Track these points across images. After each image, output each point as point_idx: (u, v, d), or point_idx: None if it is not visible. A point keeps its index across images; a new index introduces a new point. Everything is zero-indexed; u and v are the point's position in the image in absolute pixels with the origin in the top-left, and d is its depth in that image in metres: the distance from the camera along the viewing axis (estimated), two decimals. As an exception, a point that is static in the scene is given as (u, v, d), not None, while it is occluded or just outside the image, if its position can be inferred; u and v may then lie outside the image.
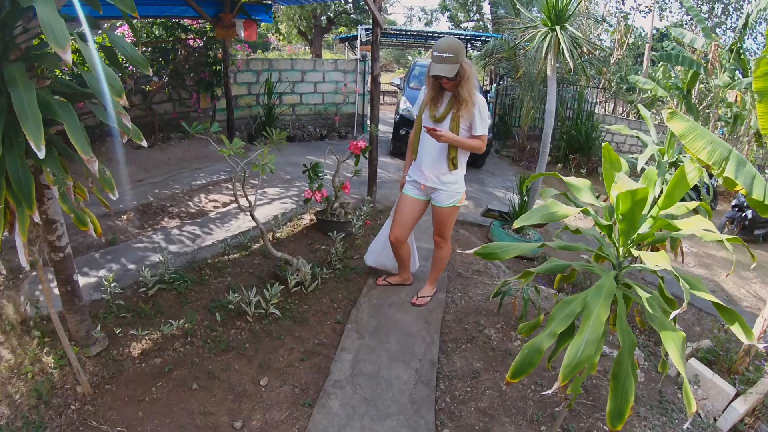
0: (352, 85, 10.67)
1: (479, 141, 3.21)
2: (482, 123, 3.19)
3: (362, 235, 4.95)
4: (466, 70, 3.06)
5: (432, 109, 3.27)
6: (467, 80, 3.08)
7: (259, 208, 5.54)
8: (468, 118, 3.16)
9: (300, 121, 10.38)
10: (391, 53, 36.54)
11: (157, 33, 8.13)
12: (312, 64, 10.35)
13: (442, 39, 3.03)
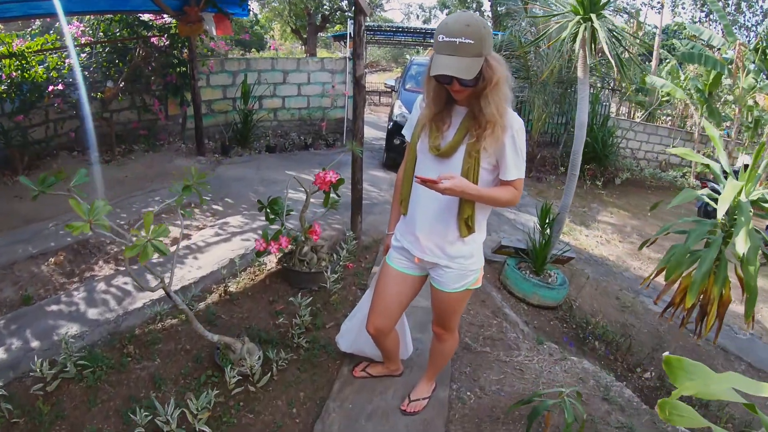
0: (341, 87, 9.50)
1: (512, 190, 1.98)
2: (517, 159, 1.94)
3: (340, 289, 3.77)
4: (495, 70, 1.79)
5: (434, 134, 1.98)
6: (496, 88, 1.81)
7: (213, 247, 4.40)
8: (495, 152, 1.90)
9: (282, 128, 9.26)
10: (389, 52, 35.38)
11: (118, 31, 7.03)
12: (295, 64, 9.22)
13: (454, 14, 1.78)
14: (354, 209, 4.55)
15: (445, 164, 1.97)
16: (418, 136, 2.05)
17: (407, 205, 2.16)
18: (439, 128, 1.98)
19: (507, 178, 1.96)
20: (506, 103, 1.86)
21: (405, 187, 2.16)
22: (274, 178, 6.61)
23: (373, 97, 19.42)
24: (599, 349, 4.33)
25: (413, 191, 2.12)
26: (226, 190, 6.05)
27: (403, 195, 2.17)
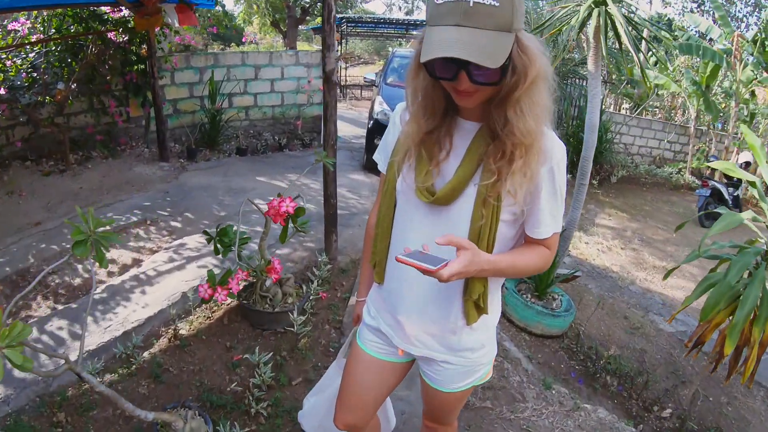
0: (318, 82, 8.78)
1: (544, 252, 1.34)
2: (556, 205, 1.28)
3: (310, 330, 3.16)
4: (533, 57, 1.11)
5: (423, 167, 1.28)
6: (533, 88, 1.13)
7: (165, 277, 3.76)
8: (524, 195, 1.22)
9: (254, 128, 8.56)
10: (371, 45, 34.66)
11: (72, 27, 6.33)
12: (268, 58, 8.52)
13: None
14: (327, 227, 3.94)
15: (443, 217, 1.28)
16: (398, 168, 1.32)
17: (383, 273, 1.45)
18: (432, 157, 1.26)
19: (539, 236, 1.29)
20: (546, 114, 1.17)
21: (379, 244, 1.44)
22: (242, 186, 5.96)
23: (354, 91, 18.79)
24: (611, 385, 3.79)
25: (393, 251, 1.41)
26: (188, 201, 5.41)
27: (377, 256, 1.45)
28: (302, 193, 5.68)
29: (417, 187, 1.28)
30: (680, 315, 5.15)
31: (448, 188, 1.24)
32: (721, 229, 2.58)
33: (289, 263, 4.04)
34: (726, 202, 7.88)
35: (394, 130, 1.43)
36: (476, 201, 1.23)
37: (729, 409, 3.71)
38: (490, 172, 1.20)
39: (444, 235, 1.13)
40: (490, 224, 1.24)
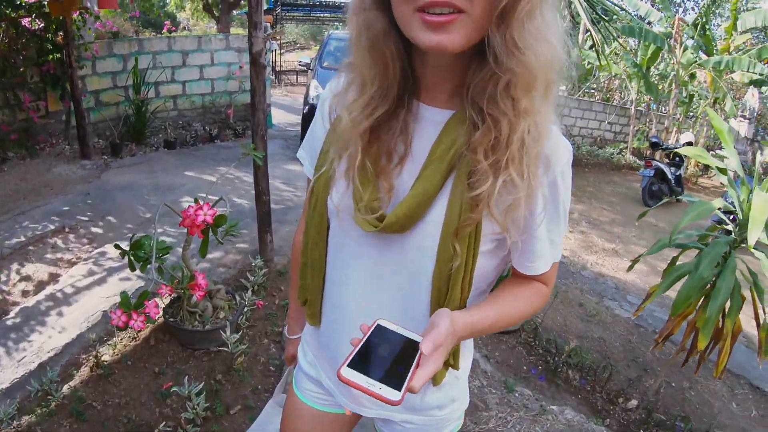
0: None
1: (542, 290, 0.98)
2: (558, 227, 0.91)
3: (246, 349, 2.77)
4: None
5: (367, 179, 0.86)
6: (530, 17, 0.70)
7: (84, 293, 3.34)
8: (512, 210, 0.81)
9: (183, 118, 8.00)
10: (307, 30, 33.82)
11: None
12: (196, 43, 7.97)
13: None
14: (261, 227, 3.57)
15: (396, 251, 0.90)
16: (330, 180, 0.94)
17: (319, 315, 1.07)
18: (379, 164, 0.88)
19: (534, 272, 0.94)
20: (554, 89, 0.78)
21: (310, 279, 1.05)
22: (170, 183, 5.49)
23: (289, 76, 18.22)
24: (574, 379, 3.63)
25: (330, 290, 1.02)
26: (110, 203, 4.91)
27: (309, 294, 1.06)
28: (234, 187, 5.30)
29: (357, 209, 0.88)
30: (632, 298, 5.10)
31: (401, 211, 0.84)
32: (692, 219, 2.40)
33: (221, 268, 3.66)
34: (669, 181, 7.99)
35: (323, 121, 1.00)
36: (444, 230, 0.85)
37: (692, 394, 3.65)
38: (472, 180, 0.81)
39: (424, 340, 0.74)
40: (466, 262, 0.86)
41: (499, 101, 0.75)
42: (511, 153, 0.77)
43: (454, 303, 0.88)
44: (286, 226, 4.63)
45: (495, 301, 0.93)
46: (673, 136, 9.96)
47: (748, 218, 2.60)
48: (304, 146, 1.09)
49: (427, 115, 0.87)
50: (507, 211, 0.82)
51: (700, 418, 3.35)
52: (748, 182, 2.73)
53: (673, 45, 9.16)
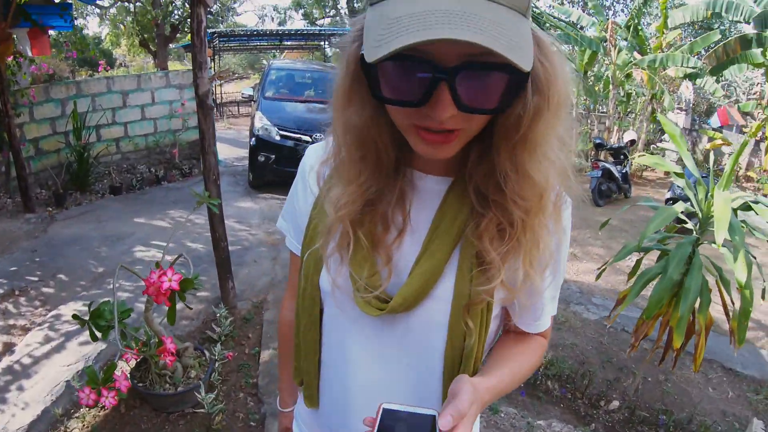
0: (192, 104, 8.13)
1: (542, 345, 0.95)
2: (558, 283, 0.90)
3: (223, 407, 2.65)
4: (557, 61, 0.67)
5: (364, 258, 0.80)
6: (557, 115, 0.69)
7: (44, 363, 3.14)
8: (517, 280, 0.79)
9: (127, 161, 7.81)
10: (245, 59, 33.66)
11: None
12: (136, 82, 7.79)
13: None
14: (221, 274, 3.47)
15: (400, 330, 0.84)
16: (320, 258, 0.86)
17: (316, 397, 0.98)
18: (377, 240, 0.81)
19: (537, 330, 0.92)
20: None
21: (305, 362, 0.96)
22: (120, 233, 5.29)
23: (231, 108, 17.91)
24: (554, 389, 3.63)
25: (328, 371, 0.95)
26: (60, 260, 4.68)
27: (305, 376, 0.98)
28: (187, 231, 5.14)
29: (355, 290, 0.81)
30: (597, 299, 5.16)
31: (407, 292, 0.78)
32: (658, 226, 2.43)
33: (184, 321, 3.52)
34: (616, 179, 8.19)
35: (305, 191, 0.93)
36: (454, 305, 0.79)
37: (669, 386, 3.70)
38: (482, 262, 0.78)
39: (442, 413, 0.67)
40: (479, 335, 0.82)
41: (508, 199, 0.73)
42: (521, 246, 0.76)
43: (469, 371, 0.84)
44: (245, 268, 4.53)
45: (506, 361, 0.89)
46: (615, 135, 10.26)
47: (708, 217, 2.67)
48: (285, 216, 1.02)
49: (424, 184, 0.83)
50: (519, 280, 0.79)
51: (681, 408, 3.40)
52: (704, 182, 2.80)
53: (608, 48, 9.46)
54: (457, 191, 0.80)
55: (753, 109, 9.88)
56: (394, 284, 0.81)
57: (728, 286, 2.76)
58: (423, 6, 0.56)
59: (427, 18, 0.54)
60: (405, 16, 0.56)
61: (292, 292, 1.05)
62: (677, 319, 2.54)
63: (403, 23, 0.55)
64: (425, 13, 0.55)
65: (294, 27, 25.43)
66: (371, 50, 0.58)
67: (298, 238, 0.95)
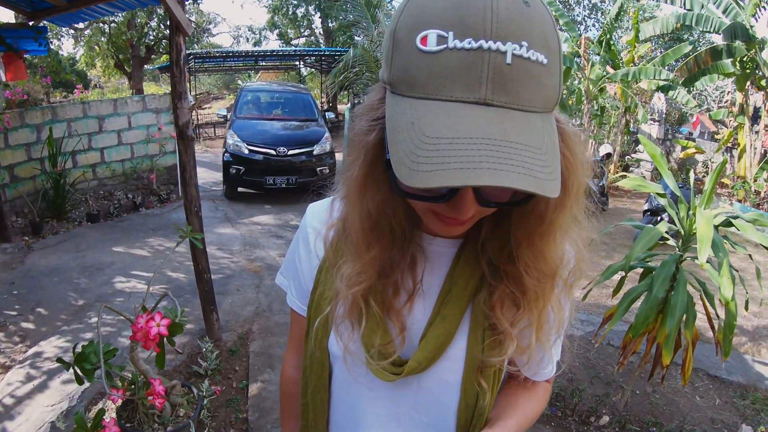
0: (169, 128, 8.08)
1: (548, 389, 1.01)
2: (562, 331, 0.86)
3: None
4: (578, 150, 0.68)
5: (370, 320, 0.79)
6: (577, 201, 0.71)
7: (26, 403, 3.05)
8: (529, 343, 0.79)
9: (104, 188, 7.68)
10: (220, 79, 33.56)
11: None
12: (112, 106, 7.70)
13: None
14: (205, 307, 3.42)
15: (413, 391, 0.85)
16: (330, 321, 0.85)
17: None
18: (388, 305, 0.81)
19: (543, 378, 0.96)
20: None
21: (315, 420, 0.94)
22: (99, 262, 5.20)
23: (207, 130, 17.77)
24: (544, 408, 3.62)
25: (338, 429, 0.94)
26: (39, 292, 4.57)
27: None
28: (168, 261, 5.07)
29: (368, 356, 0.81)
30: (581, 315, 5.18)
31: (422, 356, 0.79)
32: (644, 247, 2.46)
33: (169, 356, 3.45)
34: (594, 193, 8.26)
35: (308, 255, 0.93)
36: (467, 367, 0.81)
37: (657, 397, 3.72)
38: (493, 330, 0.79)
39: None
40: (492, 393, 0.83)
41: (521, 272, 0.74)
42: (533, 316, 0.77)
43: (480, 426, 0.85)
44: (228, 297, 4.47)
45: (515, 408, 0.90)
46: (591, 149, 10.41)
47: (690, 234, 2.71)
48: (285, 274, 1.01)
49: (434, 248, 0.83)
50: (529, 335, 0.80)
51: (671, 419, 3.42)
52: (684, 195, 2.84)
53: (581, 63, 9.61)
54: (468, 255, 0.80)
55: (724, 117, 10.09)
56: (406, 348, 0.82)
57: (712, 300, 2.79)
58: (463, 130, 0.53)
59: (468, 149, 0.52)
60: (444, 141, 0.53)
61: (294, 350, 1.04)
62: (665, 336, 2.57)
63: (442, 149, 0.53)
64: (466, 142, 0.53)
65: (269, 47, 25.45)
66: (405, 170, 0.53)
67: (300, 296, 0.95)
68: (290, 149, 7.95)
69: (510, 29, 0.53)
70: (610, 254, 6.26)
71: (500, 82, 0.54)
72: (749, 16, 8.27)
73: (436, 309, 0.81)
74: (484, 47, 0.53)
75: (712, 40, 11.60)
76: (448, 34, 0.54)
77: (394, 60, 0.59)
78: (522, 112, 0.56)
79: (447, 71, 0.54)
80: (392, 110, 0.59)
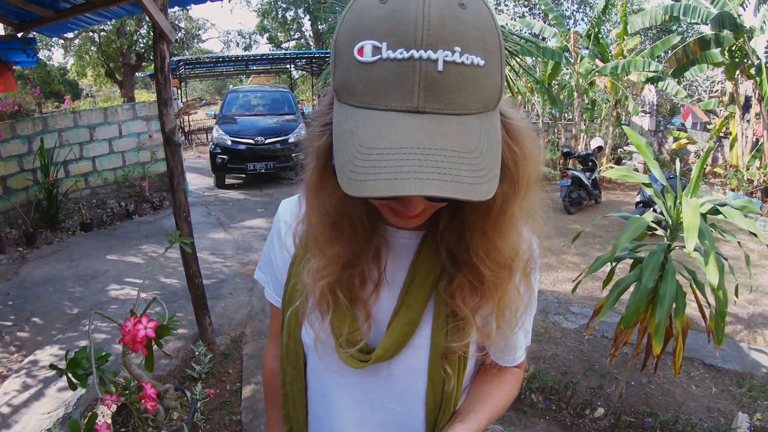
0: (160, 135, 8.07)
1: (518, 375, 1.03)
2: (531, 316, 0.92)
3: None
4: (527, 143, 0.69)
5: (344, 314, 0.82)
6: (528, 193, 0.72)
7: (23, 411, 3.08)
8: (502, 324, 0.82)
9: (97, 197, 7.71)
10: (212, 84, 33.55)
11: None
12: (102, 115, 7.72)
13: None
14: (197, 312, 3.43)
15: (383, 378, 0.88)
16: (302, 313, 0.87)
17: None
18: (355, 296, 0.84)
19: (512, 363, 0.97)
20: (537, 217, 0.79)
21: (293, 411, 0.98)
22: (93, 270, 5.21)
23: (200, 135, 17.75)
24: (539, 402, 3.63)
25: (317, 420, 0.97)
26: (34, 302, 4.59)
27: (295, 424, 1.00)
28: (161, 266, 5.08)
29: (338, 344, 0.84)
30: (575, 308, 5.19)
31: (388, 344, 0.82)
32: (630, 236, 2.47)
33: (163, 360, 3.47)
34: (586, 186, 8.28)
35: (281, 249, 0.96)
36: (432, 354, 0.84)
37: (652, 388, 3.73)
38: (455, 317, 0.82)
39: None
40: (457, 380, 0.86)
41: (479, 265, 0.76)
42: (493, 302, 0.80)
43: (449, 413, 0.88)
44: (222, 301, 4.48)
45: (485, 402, 0.92)
46: (582, 142, 10.42)
47: (677, 223, 2.73)
48: (263, 269, 1.04)
49: (397, 240, 0.86)
50: (491, 321, 0.83)
51: (666, 409, 3.43)
52: (672, 185, 2.86)
53: (572, 59, 9.63)
54: (429, 246, 0.83)
55: (715, 106, 10.11)
56: (374, 336, 0.85)
57: (702, 288, 2.81)
58: (395, 140, 0.55)
59: (397, 159, 0.54)
60: (376, 151, 0.55)
61: (275, 342, 1.07)
62: (655, 326, 2.58)
63: (374, 159, 0.55)
64: (396, 152, 0.55)
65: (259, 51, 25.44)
66: (345, 179, 0.56)
67: (277, 290, 0.99)
68: (267, 139, 9.18)
69: (442, 35, 0.54)
70: (604, 246, 6.27)
71: (432, 90, 0.55)
72: (737, 5, 8.28)
73: (400, 298, 0.83)
74: (415, 57, 0.54)
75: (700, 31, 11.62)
76: (382, 44, 0.55)
77: (336, 69, 0.61)
78: (457, 116, 0.57)
79: (381, 82, 0.56)
80: (337, 118, 0.61)
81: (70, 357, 2.05)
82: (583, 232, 3.52)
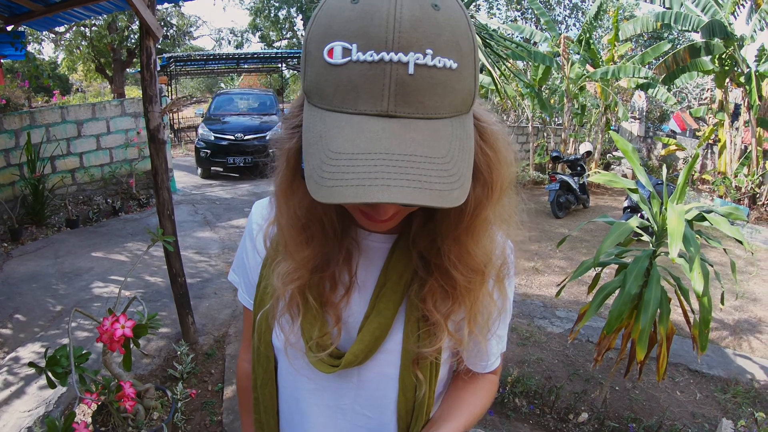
0: (147, 132, 8.05)
1: (493, 380, 1.00)
2: (505, 322, 0.92)
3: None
4: (500, 148, 0.68)
5: (308, 315, 0.81)
6: (501, 198, 0.72)
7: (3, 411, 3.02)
8: (474, 330, 0.81)
9: (83, 193, 7.61)
10: (203, 82, 33.36)
11: None
12: (91, 111, 7.63)
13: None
14: (180, 311, 3.40)
15: (354, 383, 0.87)
16: (272, 316, 0.86)
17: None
18: (325, 300, 0.82)
19: (486, 369, 0.96)
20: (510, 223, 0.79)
21: (264, 416, 0.96)
22: (78, 268, 5.15)
23: (189, 133, 17.59)
24: (522, 406, 3.62)
25: (289, 425, 0.96)
26: (17, 299, 4.53)
27: (267, 426, 0.97)
28: (146, 264, 5.05)
29: (308, 348, 0.82)
30: (561, 312, 5.20)
31: (359, 349, 0.80)
32: (613, 242, 2.48)
33: (145, 360, 3.43)
34: (574, 191, 8.31)
35: (253, 250, 0.95)
36: (404, 359, 0.82)
37: (637, 393, 3.74)
38: (426, 322, 0.80)
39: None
40: (429, 386, 0.85)
41: (450, 270, 0.75)
42: (465, 308, 0.79)
43: (422, 420, 0.87)
44: (205, 301, 4.44)
45: (460, 410, 0.91)
46: (572, 147, 10.45)
47: (663, 229, 2.73)
48: (236, 270, 1.03)
49: (369, 243, 0.84)
50: (463, 327, 0.82)
51: (650, 415, 3.44)
52: (659, 191, 2.86)
53: (562, 63, 9.65)
54: (401, 250, 0.81)
55: (704, 114, 10.18)
56: (344, 340, 0.84)
57: (687, 295, 2.81)
58: (364, 146, 0.54)
59: (366, 165, 0.53)
60: (345, 156, 0.54)
61: (247, 345, 1.05)
62: (639, 332, 2.58)
63: (343, 165, 0.54)
64: (364, 158, 0.53)
65: (251, 50, 25.34)
66: (313, 185, 0.54)
67: (249, 292, 0.97)
68: (247, 135, 10.11)
69: (413, 38, 0.53)
70: (591, 251, 6.28)
71: (403, 94, 0.54)
72: (728, 14, 8.34)
73: (372, 303, 0.82)
74: (385, 59, 0.53)
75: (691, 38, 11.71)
76: (352, 46, 0.54)
77: (307, 71, 0.59)
78: (428, 120, 0.56)
79: (351, 84, 0.54)
80: (307, 121, 0.60)
81: (49, 355, 2.02)
82: (569, 236, 3.51)
